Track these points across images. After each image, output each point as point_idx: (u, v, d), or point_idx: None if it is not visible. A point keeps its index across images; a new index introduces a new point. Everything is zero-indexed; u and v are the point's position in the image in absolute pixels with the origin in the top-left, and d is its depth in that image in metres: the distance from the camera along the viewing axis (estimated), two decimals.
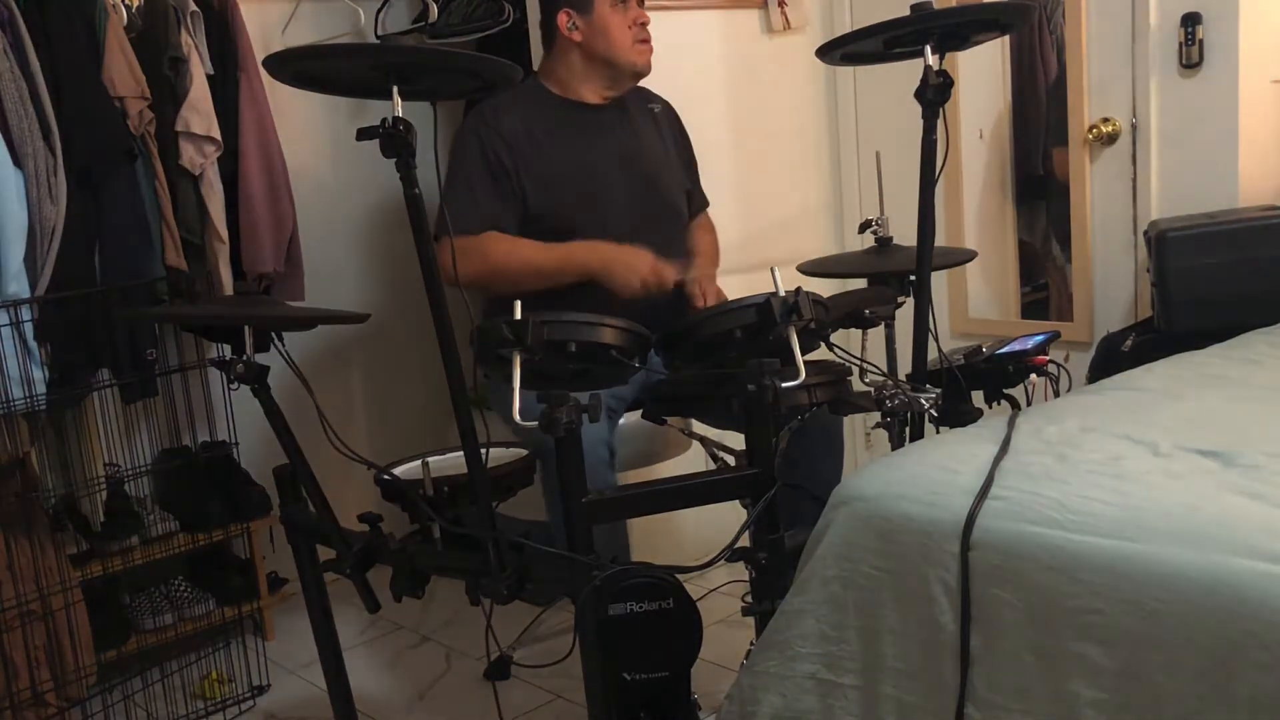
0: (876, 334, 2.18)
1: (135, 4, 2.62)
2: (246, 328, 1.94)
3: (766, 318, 1.73)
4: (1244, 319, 2.27)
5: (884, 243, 2.32)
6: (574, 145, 2.47)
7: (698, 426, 2.41)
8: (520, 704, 2.49)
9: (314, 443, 1.98)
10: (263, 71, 2.01)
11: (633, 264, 2.31)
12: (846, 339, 2.13)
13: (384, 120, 1.63)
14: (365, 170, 3.29)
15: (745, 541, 1.75)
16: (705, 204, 2.76)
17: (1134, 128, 2.87)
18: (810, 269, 2.42)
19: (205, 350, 2.96)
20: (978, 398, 2.16)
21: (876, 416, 2.01)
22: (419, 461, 1.97)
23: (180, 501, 2.82)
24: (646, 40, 2.50)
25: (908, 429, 2.01)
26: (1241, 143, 2.71)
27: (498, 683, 2.57)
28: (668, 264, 2.34)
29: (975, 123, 3.30)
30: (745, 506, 1.83)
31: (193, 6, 2.69)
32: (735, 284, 2.52)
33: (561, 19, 2.47)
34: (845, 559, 1.50)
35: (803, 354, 1.75)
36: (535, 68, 2.72)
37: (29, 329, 2.38)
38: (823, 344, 1.92)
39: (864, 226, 2.36)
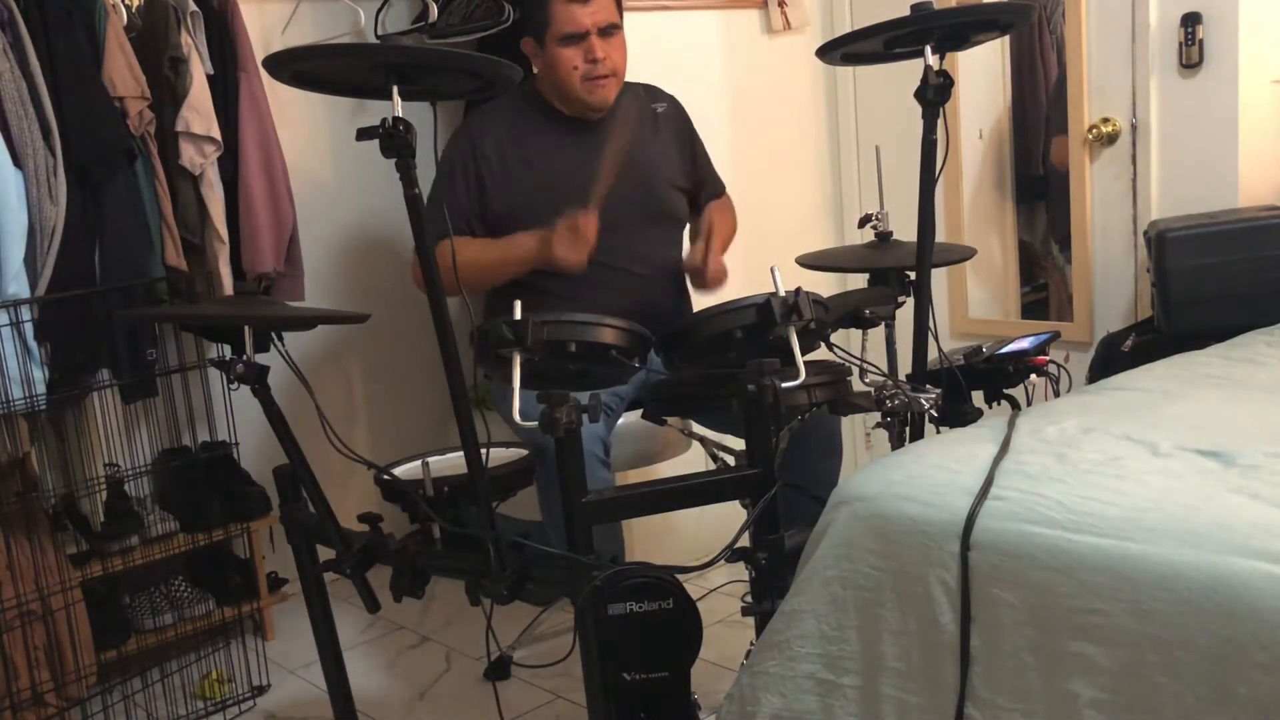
0: (876, 334, 2.18)
1: (135, 4, 2.62)
2: (246, 328, 1.94)
3: (766, 318, 1.73)
4: (1244, 319, 2.27)
5: (884, 237, 2.31)
6: (564, 153, 2.46)
7: (698, 426, 2.41)
8: (520, 704, 2.49)
9: (314, 443, 1.98)
10: (263, 71, 2.01)
11: (558, 230, 2.28)
12: (846, 339, 2.13)
13: (384, 120, 1.63)
14: (365, 170, 3.29)
15: (745, 541, 1.75)
16: (721, 190, 2.74)
17: (1134, 128, 2.87)
18: (810, 262, 2.41)
19: (205, 350, 2.96)
20: (978, 398, 2.16)
21: (876, 416, 2.01)
22: (419, 461, 1.97)
23: (180, 501, 2.82)
24: (598, 78, 2.40)
25: (908, 429, 2.01)
26: (1241, 143, 2.71)
27: (498, 683, 2.57)
28: (577, 211, 2.28)
29: (975, 123, 3.30)
30: (745, 506, 1.83)
31: (193, 6, 2.69)
32: (735, 283, 2.52)
33: (525, 46, 2.47)
34: (845, 559, 1.50)
35: (803, 354, 1.75)
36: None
37: (29, 329, 2.38)
38: (823, 344, 1.92)
39: (864, 221, 2.36)
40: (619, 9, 2.45)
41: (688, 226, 2.67)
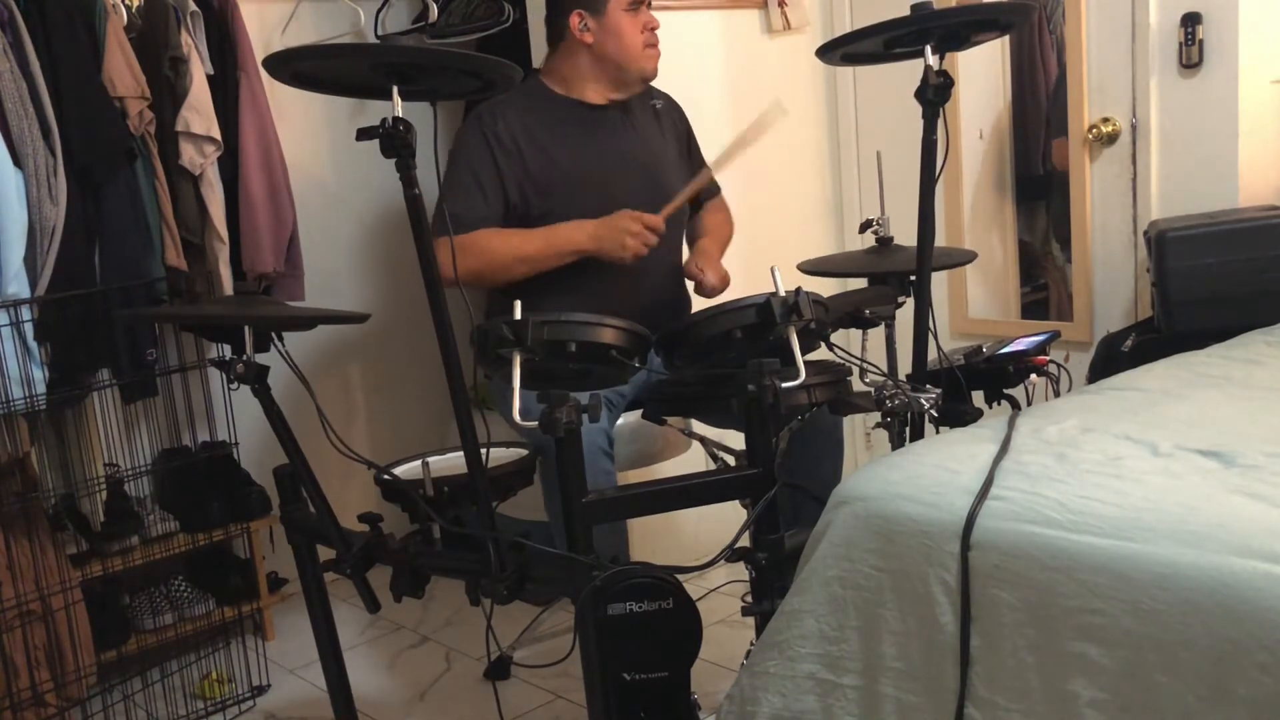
0: (876, 334, 2.18)
1: (135, 4, 2.62)
2: (246, 328, 1.94)
3: (766, 318, 1.74)
4: (1244, 319, 2.27)
5: (884, 242, 2.32)
6: (575, 144, 2.47)
7: (698, 426, 2.41)
8: (520, 704, 2.49)
9: (314, 443, 1.98)
10: (263, 71, 2.01)
11: (620, 227, 2.31)
12: (846, 339, 2.13)
13: (384, 120, 1.63)
14: (365, 170, 3.29)
15: (745, 541, 1.75)
16: (717, 190, 2.76)
17: (1134, 128, 2.87)
18: (810, 269, 2.42)
19: (205, 350, 2.96)
20: (978, 398, 2.16)
21: (876, 416, 2.01)
22: (419, 461, 1.97)
23: (180, 501, 2.82)
24: (655, 45, 2.50)
25: (908, 429, 2.01)
26: (1241, 143, 2.71)
27: (498, 683, 2.57)
28: (650, 214, 2.33)
29: (975, 123, 3.30)
30: (745, 506, 1.83)
31: (193, 6, 2.69)
32: (735, 284, 2.52)
33: (574, 20, 2.46)
34: (845, 559, 1.50)
35: (803, 354, 1.75)
36: (535, 66, 2.72)
37: (29, 329, 2.38)
38: (823, 344, 1.92)
39: (864, 226, 2.36)
40: None
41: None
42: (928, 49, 1.91)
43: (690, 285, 2.54)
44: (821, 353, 1.96)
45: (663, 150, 2.60)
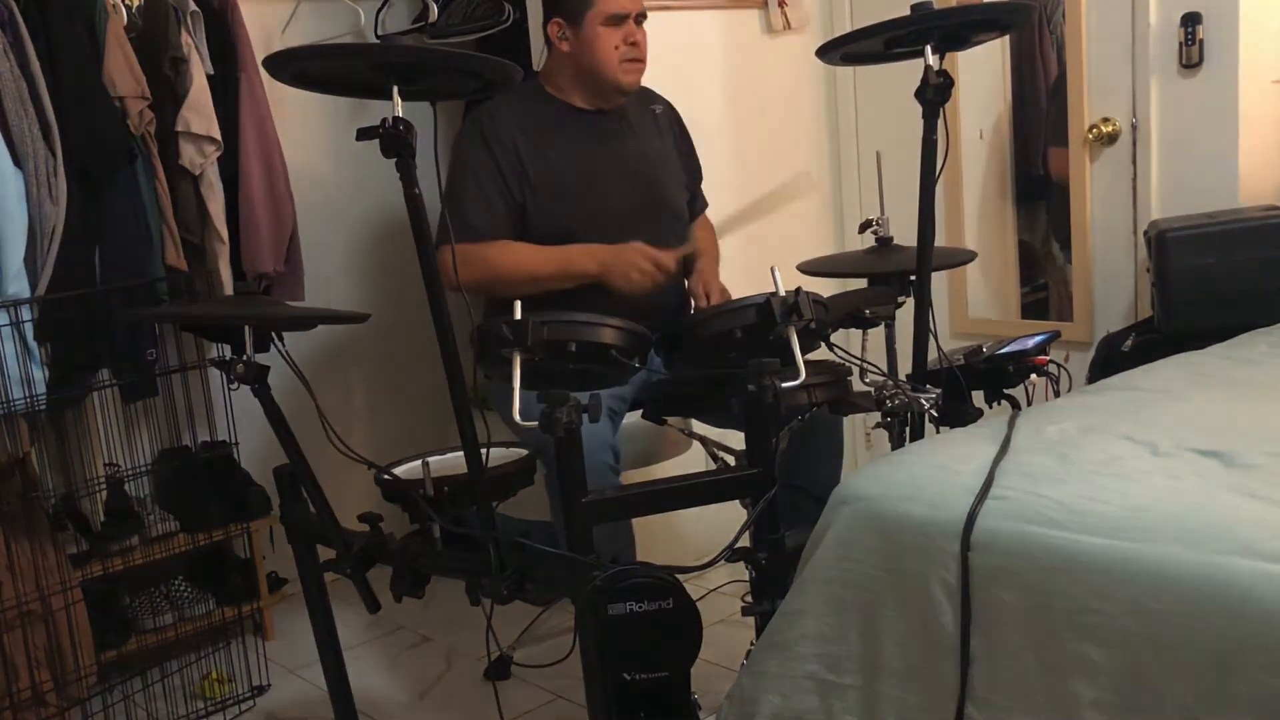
0: (876, 334, 2.18)
1: (135, 4, 2.63)
2: (246, 328, 1.94)
3: (766, 318, 1.74)
4: (1244, 319, 2.27)
5: (884, 243, 2.32)
6: (573, 147, 2.47)
7: (698, 426, 2.41)
8: (520, 704, 2.49)
9: (314, 443, 1.98)
10: (263, 71, 2.01)
11: (628, 260, 2.30)
12: (846, 339, 2.13)
13: (384, 120, 1.63)
14: (365, 170, 3.29)
15: (745, 541, 1.75)
16: (705, 206, 2.77)
17: (1134, 128, 2.87)
18: (810, 269, 2.41)
19: (205, 350, 2.96)
20: (978, 398, 2.16)
21: (876, 416, 2.01)
22: (419, 461, 1.97)
23: (180, 501, 2.82)
24: (636, 60, 2.45)
25: (908, 429, 2.01)
26: (1241, 143, 2.71)
27: (498, 683, 2.57)
28: (664, 250, 2.33)
29: (975, 123, 3.30)
30: (745, 506, 1.83)
31: (193, 6, 2.69)
32: (735, 284, 2.53)
33: (552, 28, 2.46)
34: (845, 559, 1.50)
35: (803, 354, 1.75)
36: (535, 67, 2.72)
37: (29, 329, 2.38)
38: (823, 344, 1.92)
39: (864, 226, 2.36)
40: None
41: None
42: (928, 49, 1.91)
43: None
44: (821, 353, 1.96)
45: (661, 155, 2.60)
